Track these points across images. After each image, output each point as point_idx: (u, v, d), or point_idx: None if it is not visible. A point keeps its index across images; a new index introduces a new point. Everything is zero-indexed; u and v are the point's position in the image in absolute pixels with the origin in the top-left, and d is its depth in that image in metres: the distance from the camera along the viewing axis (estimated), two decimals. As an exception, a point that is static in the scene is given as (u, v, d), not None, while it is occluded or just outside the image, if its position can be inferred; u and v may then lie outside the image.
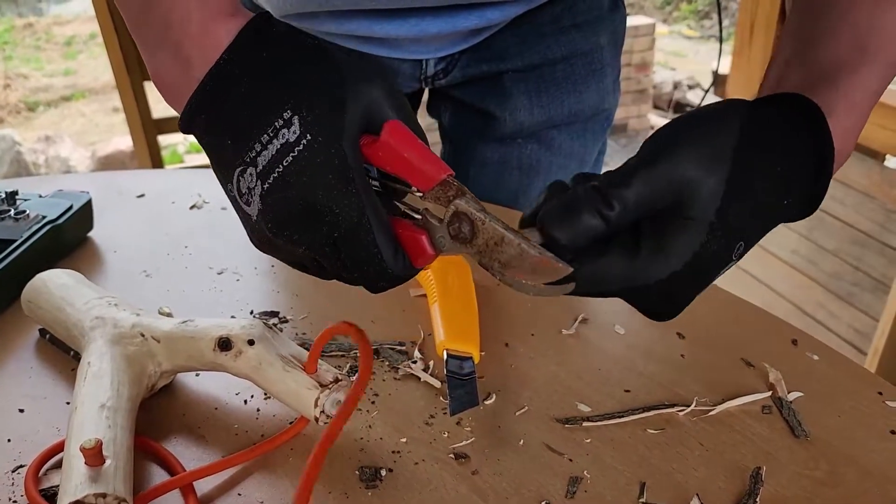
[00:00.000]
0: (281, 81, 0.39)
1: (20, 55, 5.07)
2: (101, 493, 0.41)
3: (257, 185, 0.39)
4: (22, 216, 0.68)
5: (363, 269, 0.40)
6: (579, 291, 0.41)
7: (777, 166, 0.40)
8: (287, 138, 0.38)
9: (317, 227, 0.39)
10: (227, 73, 0.40)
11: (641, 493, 0.48)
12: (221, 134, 0.40)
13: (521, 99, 0.80)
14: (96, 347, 0.52)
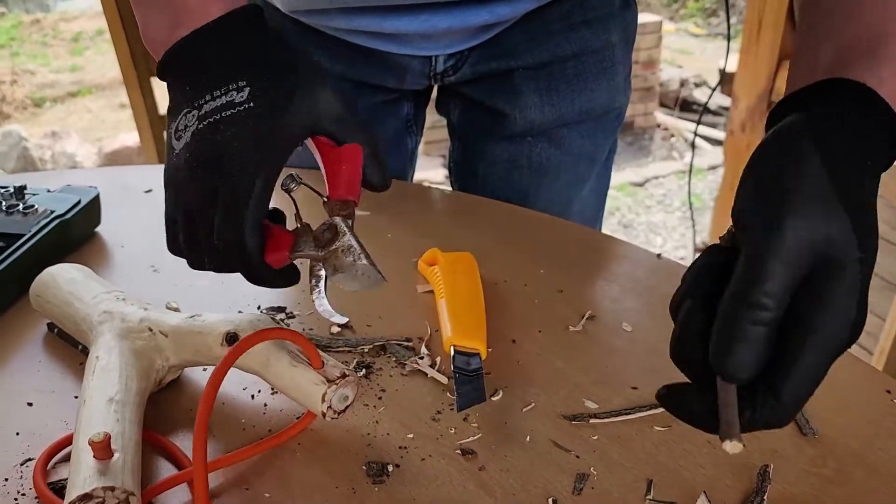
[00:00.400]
0: (248, 59, 0.46)
1: (27, 51, 5.08)
2: (110, 487, 0.41)
3: (194, 124, 0.45)
4: (30, 211, 0.68)
5: (223, 236, 0.44)
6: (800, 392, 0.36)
7: (865, 163, 0.38)
8: (233, 98, 0.45)
9: (215, 175, 0.44)
10: (207, 36, 0.47)
11: (648, 490, 0.48)
12: (184, 80, 0.47)
13: (532, 97, 0.80)
14: (104, 341, 0.52)
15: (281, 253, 0.47)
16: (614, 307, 0.66)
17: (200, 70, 0.46)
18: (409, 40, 0.75)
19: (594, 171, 0.88)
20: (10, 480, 0.47)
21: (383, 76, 0.81)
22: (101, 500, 0.40)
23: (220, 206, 0.44)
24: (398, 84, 0.82)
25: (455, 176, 0.93)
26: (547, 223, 0.79)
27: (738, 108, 2.34)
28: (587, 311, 0.65)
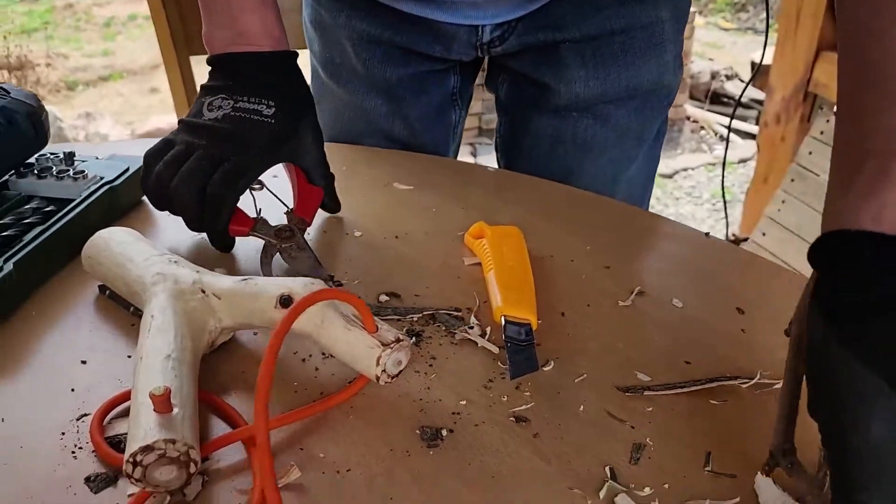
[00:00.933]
0: (280, 89, 0.66)
1: (60, 35, 5.14)
2: (171, 439, 0.41)
3: (228, 108, 0.64)
4: (80, 176, 0.68)
5: (215, 189, 0.61)
6: None
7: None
8: (262, 110, 0.64)
9: (228, 146, 0.62)
10: (257, 60, 0.67)
11: (707, 462, 0.47)
12: (229, 78, 0.66)
13: (577, 70, 0.79)
14: (158, 302, 0.52)
15: (242, 227, 0.65)
16: (663, 284, 0.65)
17: (245, 79, 0.65)
18: (457, 8, 0.74)
19: (641, 150, 0.87)
20: (67, 434, 0.48)
21: (430, 45, 0.80)
22: (162, 452, 0.40)
23: (225, 168, 0.62)
24: (445, 53, 0.82)
25: (501, 152, 0.92)
26: (592, 201, 0.78)
27: (773, 100, 2.31)
28: (636, 287, 0.64)
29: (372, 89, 0.86)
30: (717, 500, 0.44)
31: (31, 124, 0.67)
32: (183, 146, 0.64)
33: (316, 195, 0.71)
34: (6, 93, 0.66)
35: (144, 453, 0.40)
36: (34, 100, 0.68)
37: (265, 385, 0.45)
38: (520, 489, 0.44)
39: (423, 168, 0.84)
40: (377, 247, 0.69)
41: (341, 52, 0.86)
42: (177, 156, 0.63)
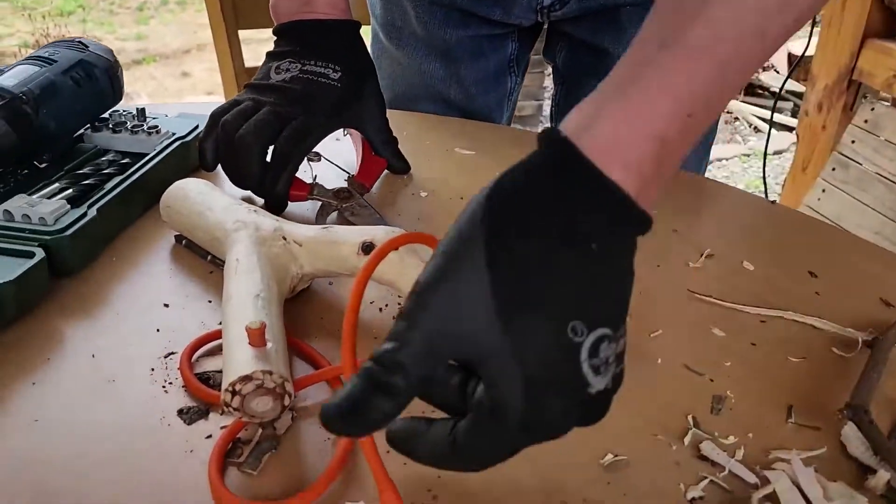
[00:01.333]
0: (345, 55, 0.68)
1: (94, 18, 5.19)
2: (268, 371, 0.41)
3: (296, 71, 0.66)
4: (154, 131, 0.69)
5: (283, 148, 0.63)
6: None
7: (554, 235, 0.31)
8: (329, 73, 0.66)
9: (297, 107, 0.64)
10: (326, 27, 0.68)
11: (789, 414, 0.47)
12: (296, 43, 0.67)
13: (637, 32, 0.78)
14: (242, 247, 0.53)
15: (300, 192, 0.66)
16: (732, 247, 0.65)
17: (312, 45, 0.67)
18: None
19: None
20: (157, 370, 0.49)
21: (490, 8, 0.81)
22: (260, 382, 0.41)
23: (293, 126, 0.63)
24: (505, 17, 0.82)
25: (556, 120, 0.92)
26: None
27: (815, 88, 2.27)
28: (706, 249, 0.64)
29: (431, 52, 0.87)
30: (803, 451, 0.44)
31: (108, 79, 0.68)
32: (251, 102, 0.65)
33: (379, 165, 0.74)
34: (84, 47, 0.67)
35: (243, 383, 0.41)
36: (111, 54, 0.69)
37: (351, 322, 0.45)
38: (604, 434, 0.44)
39: (483, 135, 0.85)
40: (444, 206, 0.69)
41: (402, 15, 0.86)
42: (244, 110, 0.65)
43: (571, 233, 0.31)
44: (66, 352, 0.50)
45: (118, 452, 0.42)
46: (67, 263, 0.56)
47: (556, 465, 0.42)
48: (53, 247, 0.54)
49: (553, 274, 0.31)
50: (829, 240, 0.68)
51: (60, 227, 0.55)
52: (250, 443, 0.43)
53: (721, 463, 0.43)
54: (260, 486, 0.41)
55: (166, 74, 4.62)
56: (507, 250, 0.31)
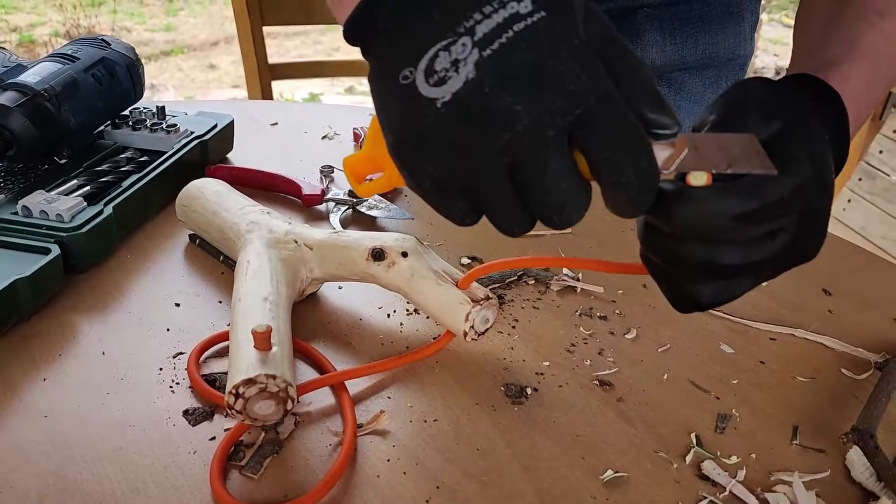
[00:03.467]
0: None
1: (125, 9, 5.25)
2: (272, 375, 0.42)
3: (472, 55, 0.32)
4: (173, 130, 0.70)
5: (620, 145, 0.31)
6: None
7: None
8: (516, 10, 0.32)
9: (554, 96, 0.31)
10: None
11: (795, 435, 0.46)
12: (423, 11, 0.34)
13: (654, 35, 0.78)
14: (254, 248, 0.53)
15: (315, 195, 0.62)
16: (746, 263, 0.64)
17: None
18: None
19: None
20: (165, 370, 0.49)
21: None
22: (263, 386, 0.42)
23: (586, 130, 0.31)
24: None
25: None
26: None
27: (843, 96, 2.24)
28: (719, 264, 0.63)
29: None
30: (807, 473, 0.43)
31: (129, 76, 0.69)
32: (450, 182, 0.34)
33: None
34: (107, 44, 0.68)
35: (247, 386, 0.41)
36: (132, 52, 0.70)
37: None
38: (605, 449, 0.45)
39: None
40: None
41: None
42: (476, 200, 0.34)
43: None
44: (77, 348, 0.51)
45: (123, 451, 0.43)
46: (82, 260, 0.57)
47: (555, 480, 0.42)
48: (69, 244, 0.55)
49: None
50: (845, 257, 0.67)
51: (76, 224, 0.56)
52: (253, 446, 0.44)
53: (722, 483, 0.42)
54: (260, 489, 0.41)
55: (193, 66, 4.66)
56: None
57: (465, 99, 0.31)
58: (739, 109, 0.38)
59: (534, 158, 0.31)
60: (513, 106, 0.31)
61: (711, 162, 0.34)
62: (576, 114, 0.31)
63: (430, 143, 0.32)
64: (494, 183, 0.32)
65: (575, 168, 0.32)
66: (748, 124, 0.37)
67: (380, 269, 0.52)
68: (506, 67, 0.31)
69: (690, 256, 0.36)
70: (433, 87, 0.32)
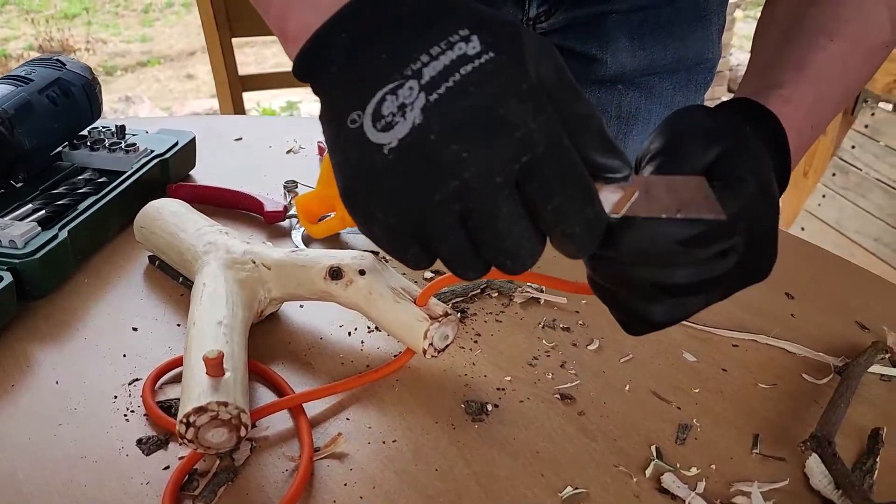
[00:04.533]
0: (455, 7, 0.33)
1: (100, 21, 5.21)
2: (223, 402, 0.41)
3: (419, 99, 0.31)
4: (132, 149, 0.69)
5: (567, 196, 0.31)
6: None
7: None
8: (464, 51, 0.31)
9: (504, 143, 0.30)
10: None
11: (755, 444, 0.46)
12: (371, 50, 0.33)
13: (623, 40, 0.78)
14: (210, 270, 0.53)
15: (278, 211, 0.48)
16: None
17: (391, 34, 0.33)
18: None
19: None
20: (120, 398, 0.48)
21: None
22: (214, 414, 0.41)
23: (535, 180, 0.31)
24: None
25: None
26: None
27: (816, 93, 2.26)
28: (682, 270, 0.63)
29: None
30: (766, 483, 0.43)
31: (85, 96, 0.68)
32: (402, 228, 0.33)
33: None
34: (62, 65, 0.67)
35: (197, 414, 0.41)
36: (89, 72, 0.69)
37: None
38: (565, 465, 0.44)
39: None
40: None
41: None
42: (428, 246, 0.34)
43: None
44: (30, 379, 0.50)
45: (74, 484, 0.42)
46: (37, 287, 0.56)
47: (513, 499, 0.42)
48: (22, 270, 0.54)
49: None
50: (808, 259, 0.67)
51: (30, 250, 0.55)
52: (207, 474, 0.43)
53: (681, 496, 0.42)
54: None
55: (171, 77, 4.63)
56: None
57: (412, 146, 0.31)
58: (680, 138, 0.38)
59: (484, 206, 0.31)
60: (459, 153, 0.30)
61: (661, 206, 0.34)
62: (523, 161, 0.30)
63: (380, 190, 0.32)
64: (446, 229, 0.32)
65: (527, 213, 0.32)
66: (689, 153, 0.37)
67: (338, 288, 0.51)
68: (452, 113, 0.31)
69: (640, 279, 0.35)
70: (381, 133, 0.32)
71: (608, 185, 0.33)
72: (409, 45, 0.32)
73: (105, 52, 4.80)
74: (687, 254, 0.34)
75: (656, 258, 0.35)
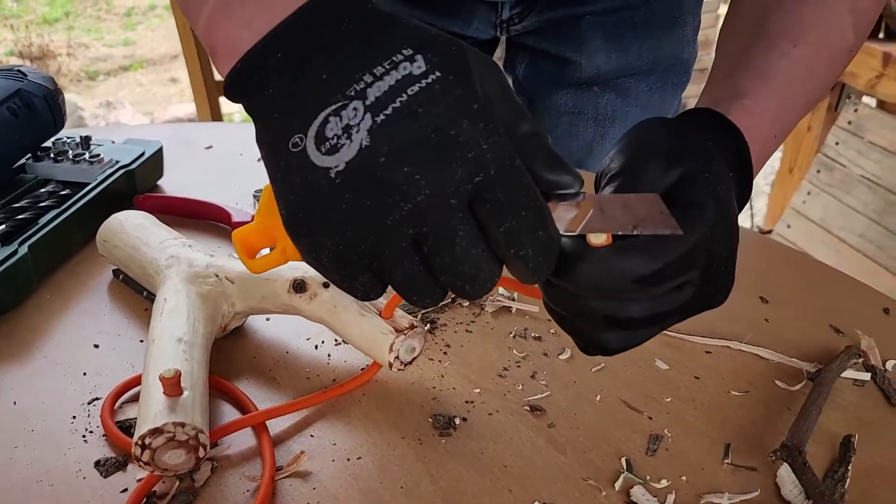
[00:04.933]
0: (396, 26, 0.32)
1: (81, 25, 5.17)
2: (180, 423, 0.40)
3: (364, 120, 0.30)
4: (96, 160, 0.68)
5: (519, 218, 0.30)
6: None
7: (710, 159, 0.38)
8: (410, 71, 0.30)
9: (454, 164, 0.29)
10: (325, 11, 0.32)
11: (726, 453, 0.46)
12: (310, 70, 0.31)
13: (598, 42, 0.78)
14: (172, 285, 0.52)
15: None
16: (684, 272, 0.64)
17: (330, 53, 0.31)
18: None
19: None
20: (79, 418, 0.47)
21: (449, 21, 0.80)
22: (171, 435, 0.40)
23: (489, 202, 0.30)
24: (463, 30, 0.81)
25: None
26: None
27: (798, 89, 2.26)
28: (656, 275, 0.63)
29: None
30: (736, 494, 0.43)
31: (48, 107, 0.66)
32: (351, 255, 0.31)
33: None
34: (23, 76, 0.66)
35: (153, 436, 0.40)
36: (51, 82, 0.68)
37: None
38: (533, 479, 0.44)
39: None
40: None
41: None
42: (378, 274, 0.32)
43: None
44: (-14, 399, 0.49)
45: (28, 509, 0.41)
46: (-5, 304, 0.54)
47: (479, 516, 0.41)
48: (-21, 288, 0.53)
49: None
50: (783, 263, 0.66)
51: (-13, 266, 0.54)
52: (166, 496, 0.42)
53: (650, 510, 0.42)
54: (170, 544, 0.39)
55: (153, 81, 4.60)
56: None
57: (361, 168, 0.30)
58: (641, 158, 0.37)
59: (440, 229, 0.30)
60: (411, 176, 0.29)
61: (617, 223, 0.33)
62: (475, 182, 0.30)
63: (327, 216, 0.30)
64: (400, 255, 0.30)
65: (484, 234, 0.31)
66: (650, 173, 0.36)
67: (302, 301, 0.50)
68: (402, 134, 0.30)
69: (592, 312, 0.35)
70: (325, 156, 0.30)
71: (562, 203, 0.33)
72: (350, 65, 0.31)
73: (87, 56, 4.76)
74: (642, 291, 0.34)
75: (612, 292, 0.34)
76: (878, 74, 1.91)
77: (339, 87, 0.31)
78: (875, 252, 1.86)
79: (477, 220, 0.31)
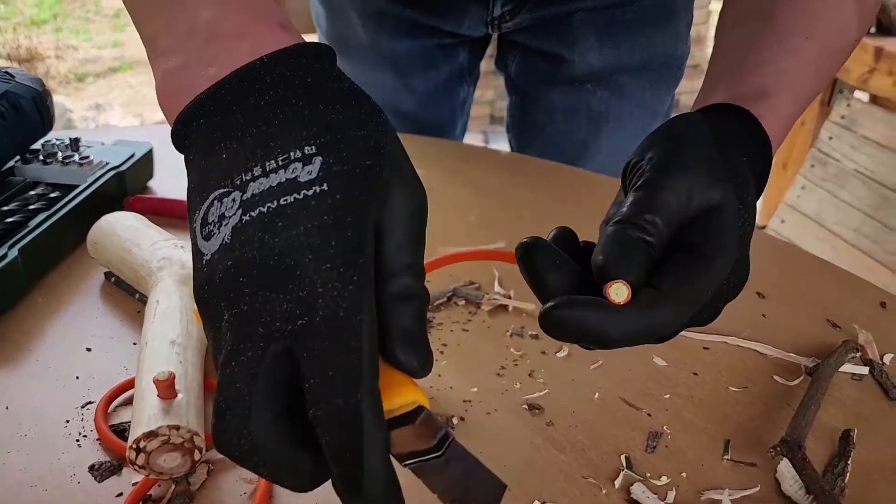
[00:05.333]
0: (317, 113, 0.30)
1: (70, 27, 5.14)
2: (175, 426, 0.40)
3: (235, 215, 0.28)
4: (86, 162, 0.67)
5: (326, 378, 0.26)
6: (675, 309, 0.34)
7: (743, 153, 0.39)
8: (297, 174, 0.28)
9: (282, 299, 0.27)
10: (254, 80, 0.30)
11: (726, 450, 0.45)
12: (217, 144, 0.30)
13: (591, 40, 0.77)
14: (164, 286, 0.51)
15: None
16: (680, 268, 0.63)
17: (239, 131, 0.30)
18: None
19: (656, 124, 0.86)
20: (72, 422, 0.47)
21: (441, 19, 0.79)
22: (166, 438, 0.39)
23: (302, 356, 0.26)
24: (455, 28, 0.80)
25: (513, 133, 0.91)
26: (607, 183, 0.77)
27: (789, 84, 2.27)
28: (653, 272, 0.62)
29: (380, 62, 0.85)
30: (737, 490, 0.42)
31: (36, 109, 0.66)
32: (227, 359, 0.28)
33: None
34: (10, 77, 0.65)
35: (148, 439, 0.39)
36: (39, 84, 0.67)
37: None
38: (532, 478, 0.43)
39: (435, 151, 0.83)
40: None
41: (349, 25, 0.84)
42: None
43: None
44: (-22, 404, 0.48)
45: (21, 516, 0.40)
46: (-14, 308, 0.54)
47: (478, 516, 0.41)
48: (-31, 292, 0.52)
49: None
50: (779, 258, 0.66)
51: (-23, 270, 0.53)
52: (162, 500, 0.41)
53: (651, 507, 0.41)
54: (167, 549, 0.39)
55: (143, 82, 4.58)
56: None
57: (214, 265, 0.28)
58: (679, 164, 0.36)
59: (242, 354, 0.27)
60: (241, 289, 0.27)
61: (445, 483, 0.31)
62: (299, 324, 0.26)
63: (205, 301, 0.29)
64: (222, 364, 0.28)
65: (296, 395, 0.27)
66: (687, 185, 0.35)
67: (297, 302, 0.50)
68: (249, 245, 0.28)
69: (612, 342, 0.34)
70: (203, 240, 0.29)
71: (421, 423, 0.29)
72: (247, 151, 0.29)
73: (76, 58, 4.73)
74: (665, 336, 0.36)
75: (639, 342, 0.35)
76: (870, 69, 1.92)
77: (231, 171, 0.29)
78: (871, 247, 1.87)
79: (291, 370, 0.27)
